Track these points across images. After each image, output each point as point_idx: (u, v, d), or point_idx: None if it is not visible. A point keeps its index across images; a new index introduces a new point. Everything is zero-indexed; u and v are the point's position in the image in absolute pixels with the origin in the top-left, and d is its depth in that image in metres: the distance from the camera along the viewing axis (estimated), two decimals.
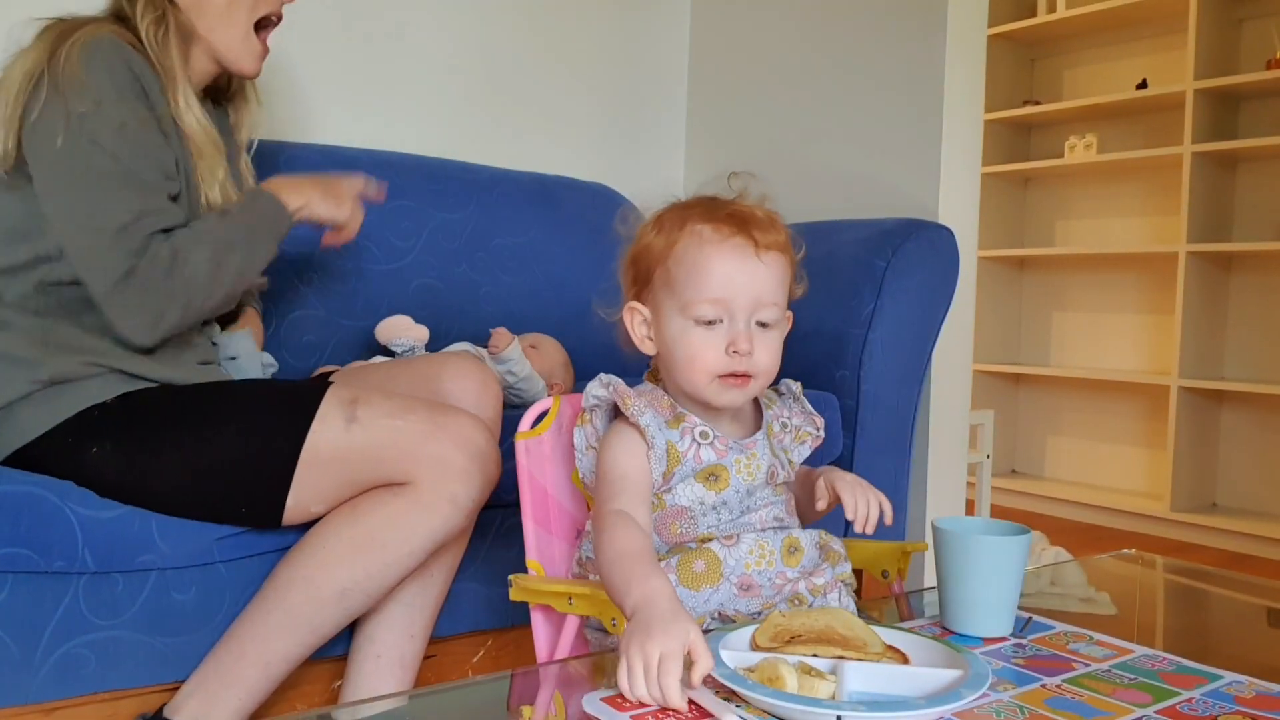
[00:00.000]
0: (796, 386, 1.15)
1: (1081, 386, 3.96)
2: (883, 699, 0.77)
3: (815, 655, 0.81)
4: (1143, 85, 3.68)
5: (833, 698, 0.74)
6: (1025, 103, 4.05)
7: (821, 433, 1.13)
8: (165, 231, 1.25)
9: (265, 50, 1.45)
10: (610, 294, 1.11)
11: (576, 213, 2.26)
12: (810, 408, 1.14)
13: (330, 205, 1.42)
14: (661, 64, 2.61)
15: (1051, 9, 3.86)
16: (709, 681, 0.77)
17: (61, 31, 1.26)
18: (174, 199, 1.31)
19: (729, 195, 1.06)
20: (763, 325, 1.00)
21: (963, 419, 2.10)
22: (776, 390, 1.14)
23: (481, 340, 1.89)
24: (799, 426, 1.12)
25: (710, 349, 0.99)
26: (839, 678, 0.77)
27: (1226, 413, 3.60)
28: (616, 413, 1.05)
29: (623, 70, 2.55)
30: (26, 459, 1.24)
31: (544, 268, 2.16)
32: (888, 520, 1.04)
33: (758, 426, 1.09)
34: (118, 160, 1.23)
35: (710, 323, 0.99)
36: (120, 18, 1.34)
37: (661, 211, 1.07)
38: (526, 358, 1.78)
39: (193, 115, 1.35)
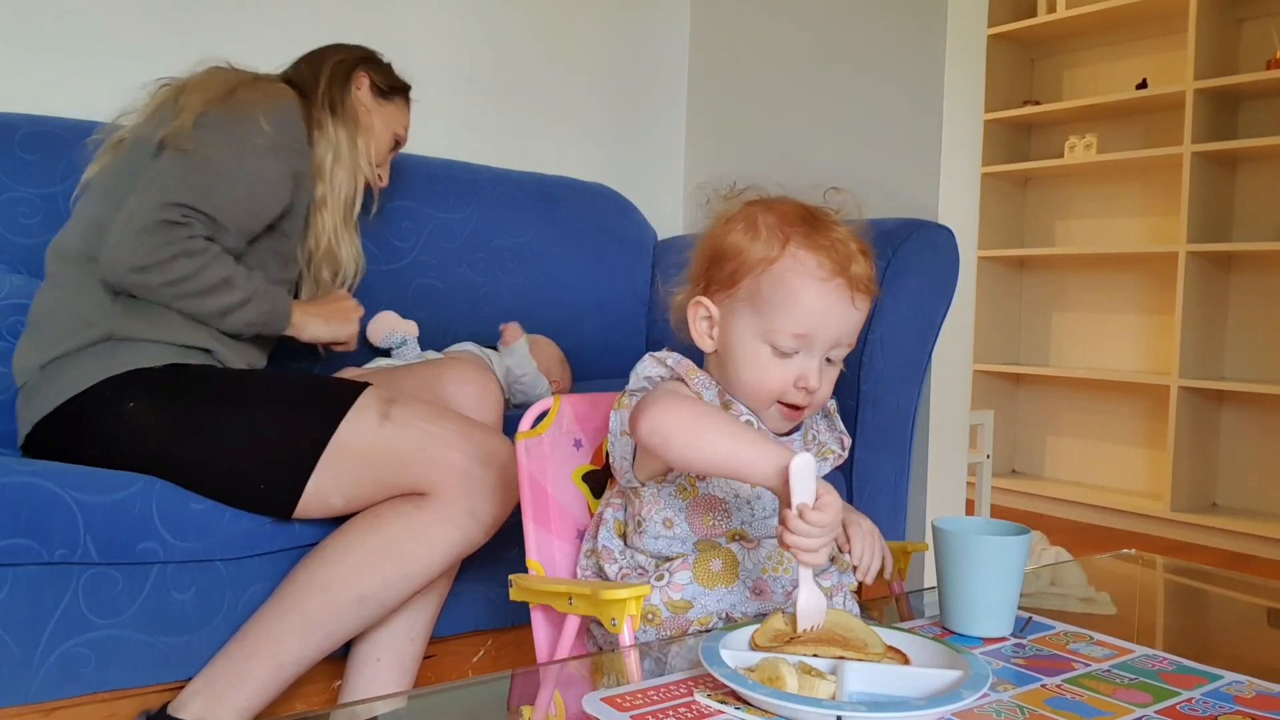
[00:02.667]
0: (831, 405, 1.13)
1: (1081, 386, 3.96)
2: (883, 699, 0.77)
3: (815, 655, 0.81)
4: (1143, 85, 3.68)
5: (833, 698, 0.74)
6: (1025, 103, 4.05)
7: (845, 453, 1.12)
8: (209, 241, 1.36)
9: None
10: (611, 300, 1.11)
11: (576, 213, 2.26)
12: (841, 427, 1.13)
13: (327, 328, 1.57)
14: (661, 64, 2.61)
15: (1051, 9, 3.86)
16: (710, 682, 0.78)
17: (256, 77, 1.47)
18: (251, 241, 1.45)
19: (822, 205, 1.03)
20: (829, 361, 1.01)
21: (963, 419, 2.10)
22: None
23: (484, 339, 1.89)
24: (824, 444, 1.11)
25: (780, 377, 0.99)
26: (839, 678, 0.77)
27: (1226, 413, 3.59)
28: None
29: (623, 70, 2.55)
30: (70, 412, 1.27)
31: (544, 268, 2.16)
32: (887, 574, 1.08)
33: (794, 427, 1.09)
34: (237, 187, 1.38)
35: (786, 354, 0.99)
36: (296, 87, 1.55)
37: (753, 210, 1.02)
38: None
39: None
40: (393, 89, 1.70)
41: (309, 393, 1.31)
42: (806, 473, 0.85)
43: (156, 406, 1.26)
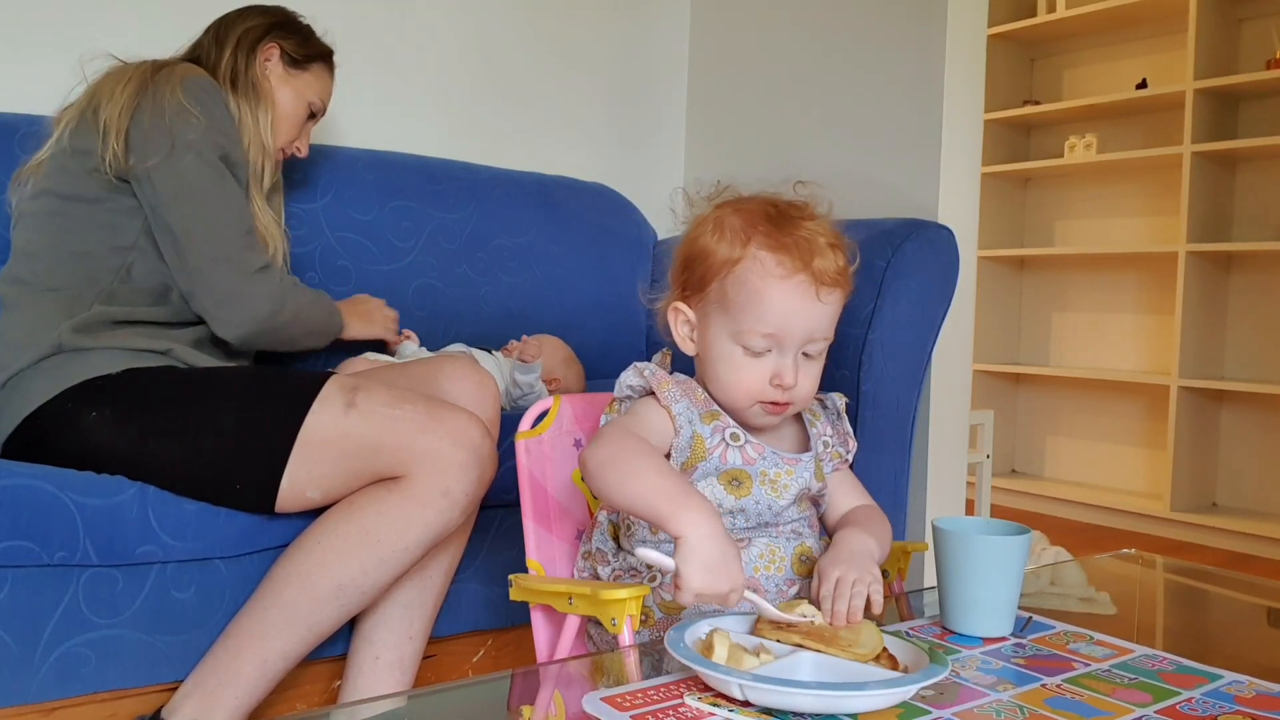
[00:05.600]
0: (842, 404, 1.12)
1: (1081, 386, 3.96)
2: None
3: (779, 641, 0.82)
4: (1143, 85, 3.68)
5: None
6: (1025, 103, 4.05)
7: (850, 458, 1.12)
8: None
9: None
10: (611, 300, 1.10)
11: (576, 213, 2.26)
12: (849, 428, 1.12)
13: (362, 325, 1.72)
14: (661, 64, 2.61)
15: (1051, 9, 3.86)
16: (701, 685, 0.78)
17: (157, 66, 1.43)
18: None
19: (792, 197, 1.02)
20: (807, 355, 1.00)
21: (963, 419, 2.10)
22: (821, 403, 1.12)
23: (480, 340, 1.88)
24: (833, 446, 1.10)
25: (754, 377, 0.99)
26: (791, 664, 0.79)
27: (1226, 413, 3.60)
28: None
29: (623, 70, 2.55)
30: (33, 428, 1.26)
31: (544, 268, 2.16)
32: (875, 610, 0.91)
33: (801, 437, 1.08)
34: (225, 181, 1.42)
35: (758, 353, 0.98)
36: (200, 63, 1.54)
37: (722, 212, 1.02)
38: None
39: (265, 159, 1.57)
40: (308, 57, 1.63)
41: (272, 387, 1.30)
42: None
43: (119, 415, 1.25)
